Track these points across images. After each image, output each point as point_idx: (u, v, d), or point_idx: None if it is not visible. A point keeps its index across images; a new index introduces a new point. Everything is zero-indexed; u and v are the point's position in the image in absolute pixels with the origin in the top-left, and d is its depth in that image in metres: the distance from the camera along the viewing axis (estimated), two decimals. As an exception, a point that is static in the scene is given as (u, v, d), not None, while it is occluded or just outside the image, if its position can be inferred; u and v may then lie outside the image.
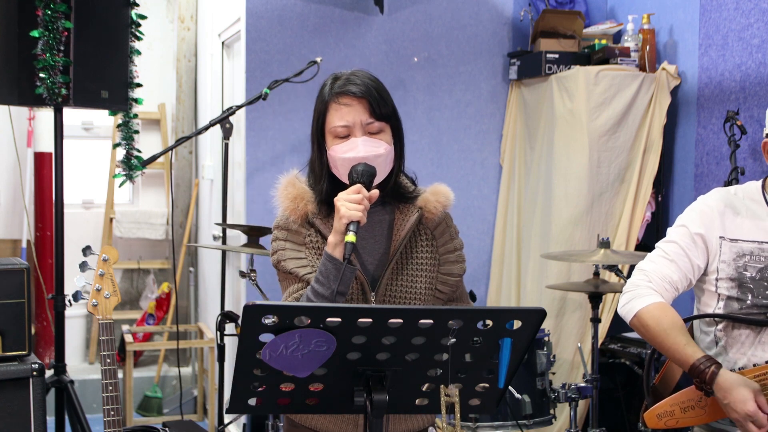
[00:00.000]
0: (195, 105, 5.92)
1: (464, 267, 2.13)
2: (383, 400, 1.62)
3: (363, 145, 1.97)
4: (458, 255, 2.12)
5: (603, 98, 3.92)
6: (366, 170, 1.95)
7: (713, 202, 2.32)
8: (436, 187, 2.14)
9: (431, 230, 2.10)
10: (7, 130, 4.91)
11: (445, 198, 2.12)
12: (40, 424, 2.66)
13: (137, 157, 3.67)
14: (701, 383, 2.11)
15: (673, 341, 2.15)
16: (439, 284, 2.08)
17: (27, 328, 2.73)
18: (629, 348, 3.81)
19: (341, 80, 2.02)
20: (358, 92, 1.98)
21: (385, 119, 2.01)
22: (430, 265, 2.07)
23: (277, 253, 2.04)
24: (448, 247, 2.11)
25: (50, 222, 5.38)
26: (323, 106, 2.03)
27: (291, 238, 2.04)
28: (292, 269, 2.01)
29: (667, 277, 2.26)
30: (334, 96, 2.00)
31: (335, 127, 1.99)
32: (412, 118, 4.33)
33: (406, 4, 4.30)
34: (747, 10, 3.58)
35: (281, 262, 2.03)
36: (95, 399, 5.22)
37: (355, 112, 1.98)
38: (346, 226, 1.88)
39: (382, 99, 2.01)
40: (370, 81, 2.02)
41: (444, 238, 2.11)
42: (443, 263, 2.09)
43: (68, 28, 3.23)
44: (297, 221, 2.03)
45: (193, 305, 5.90)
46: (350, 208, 1.89)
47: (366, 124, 1.99)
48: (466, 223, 4.43)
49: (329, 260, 1.92)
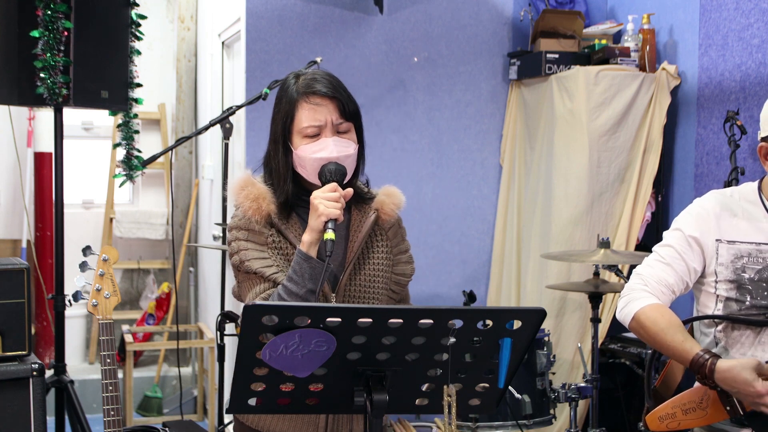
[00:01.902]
0: (195, 105, 5.92)
1: (414, 268, 2.16)
2: (383, 400, 1.62)
3: (335, 145, 1.97)
4: (409, 256, 2.16)
5: (603, 98, 3.92)
6: (338, 169, 1.96)
7: (709, 205, 2.32)
8: (388, 189, 2.16)
9: (385, 231, 2.12)
10: (7, 130, 4.90)
11: (399, 200, 2.15)
12: (40, 424, 2.66)
13: (137, 157, 3.67)
14: (703, 377, 2.11)
15: (671, 339, 2.16)
16: (392, 284, 2.11)
17: (27, 328, 2.73)
18: (629, 348, 3.81)
19: (306, 79, 2.01)
20: (329, 92, 1.98)
21: (352, 119, 2.02)
22: (386, 266, 2.09)
23: (240, 253, 2.01)
24: (400, 248, 2.14)
25: (50, 222, 5.38)
26: (290, 106, 2.01)
27: (252, 239, 2.01)
28: (257, 269, 1.98)
29: (663, 281, 2.27)
30: (303, 96, 1.99)
31: (306, 127, 1.98)
32: (412, 118, 4.33)
33: (406, 4, 4.30)
34: (747, 10, 3.58)
35: (245, 262, 1.99)
36: (95, 399, 5.22)
37: (326, 111, 1.98)
38: (325, 224, 1.88)
39: (349, 98, 2.02)
40: (335, 80, 2.03)
41: (396, 239, 2.14)
42: (396, 264, 2.12)
43: (68, 28, 3.23)
44: (260, 221, 2.01)
45: (193, 305, 5.90)
46: (328, 206, 1.89)
47: (336, 123, 1.99)
48: (466, 223, 4.44)
49: (304, 259, 1.91)
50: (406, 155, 4.32)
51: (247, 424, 2.10)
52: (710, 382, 2.10)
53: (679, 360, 2.19)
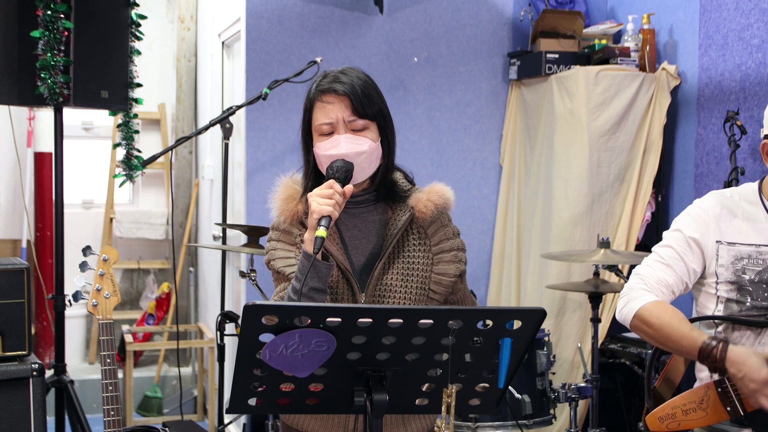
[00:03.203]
0: (195, 105, 5.92)
1: (462, 268, 2.09)
2: (383, 400, 1.62)
3: (345, 142, 1.97)
4: (454, 255, 2.09)
5: (603, 98, 3.92)
6: (342, 166, 1.95)
7: (709, 206, 2.32)
8: (432, 187, 2.13)
9: (425, 229, 2.08)
10: (7, 130, 4.91)
11: (438, 197, 2.10)
12: (40, 424, 2.66)
13: (137, 157, 3.66)
14: (713, 363, 2.10)
15: (677, 330, 2.15)
16: (432, 284, 2.06)
17: (27, 328, 2.73)
18: (629, 348, 3.81)
19: (329, 77, 2.03)
20: (341, 90, 1.99)
21: (369, 117, 2.01)
22: (423, 265, 2.05)
23: (269, 252, 2.08)
24: (442, 247, 2.08)
25: (50, 222, 5.38)
26: (309, 104, 2.05)
27: (283, 238, 2.06)
28: (279, 268, 2.03)
29: (663, 281, 2.27)
30: (318, 94, 2.02)
31: (320, 124, 2.01)
32: (412, 118, 4.34)
33: (406, 4, 4.30)
34: (747, 10, 3.58)
35: (271, 261, 2.06)
36: (95, 399, 5.22)
37: (337, 109, 1.99)
38: (318, 221, 1.88)
39: (366, 97, 2.01)
40: (357, 79, 2.03)
41: (438, 236, 2.09)
42: (437, 263, 2.07)
43: (68, 28, 3.23)
44: (287, 221, 2.05)
45: (193, 305, 5.90)
46: (320, 203, 1.89)
47: (348, 121, 1.99)
48: (466, 223, 4.43)
49: (305, 257, 1.92)
50: (406, 155, 4.32)
51: (286, 422, 2.11)
52: (720, 365, 2.09)
53: (686, 351, 2.17)
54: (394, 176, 2.11)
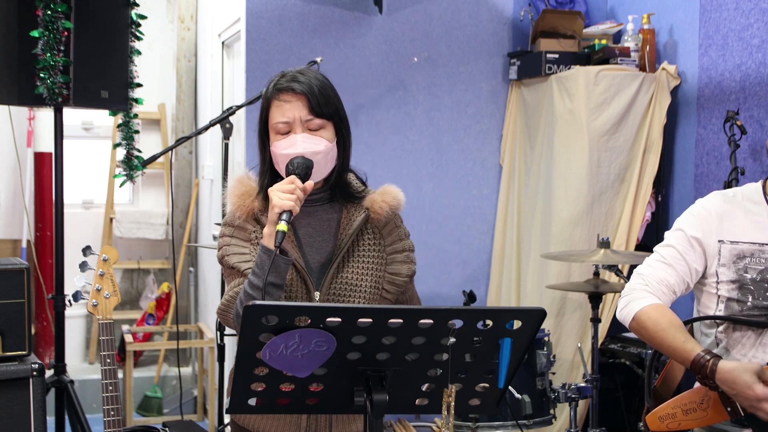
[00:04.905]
0: (195, 105, 5.92)
1: (413, 268, 2.14)
2: (383, 400, 1.62)
3: (302, 141, 1.99)
4: (406, 255, 2.13)
5: (603, 98, 3.92)
6: (302, 163, 1.97)
7: (711, 206, 2.32)
8: (385, 188, 2.16)
9: (379, 230, 2.12)
10: (7, 130, 4.91)
11: (392, 198, 2.13)
12: (40, 424, 2.66)
13: (137, 157, 3.67)
14: (704, 378, 2.11)
15: (672, 339, 2.16)
16: (386, 284, 2.10)
17: (27, 328, 2.73)
18: (629, 348, 3.81)
19: (287, 77, 2.05)
20: (299, 89, 2.01)
21: (326, 117, 2.03)
22: (376, 264, 2.08)
23: (222, 248, 2.08)
24: (395, 247, 2.12)
25: (50, 222, 5.38)
26: (266, 102, 2.06)
27: (237, 234, 2.07)
28: (234, 264, 2.04)
29: (664, 281, 2.27)
30: (276, 92, 2.03)
31: (276, 123, 2.02)
32: (412, 118, 4.33)
33: (406, 4, 4.30)
34: (747, 10, 3.58)
35: (225, 257, 2.06)
36: (95, 399, 5.22)
37: (294, 108, 2.01)
38: (279, 215, 1.89)
39: (323, 96, 2.02)
40: (315, 79, 2.04)
41: (392, 237, 2.13)
42: (390, 263, 2.11)
43: (68, 28, 3.22)
44: (243, 217, 2.06)
45: (193, 305, 5.90)
46: (282, 197, 1.90)
47: (305, 120, 2.01)
48: (466, 223, 4.44)
49: (264, 251, 1.92)
50: (406, 155, 4.32)
51: (237, 423, 2.13)
52: (711, 382, 2.10)
53: (679, 360, 2.18)
54: (348, 177, 2.14)
